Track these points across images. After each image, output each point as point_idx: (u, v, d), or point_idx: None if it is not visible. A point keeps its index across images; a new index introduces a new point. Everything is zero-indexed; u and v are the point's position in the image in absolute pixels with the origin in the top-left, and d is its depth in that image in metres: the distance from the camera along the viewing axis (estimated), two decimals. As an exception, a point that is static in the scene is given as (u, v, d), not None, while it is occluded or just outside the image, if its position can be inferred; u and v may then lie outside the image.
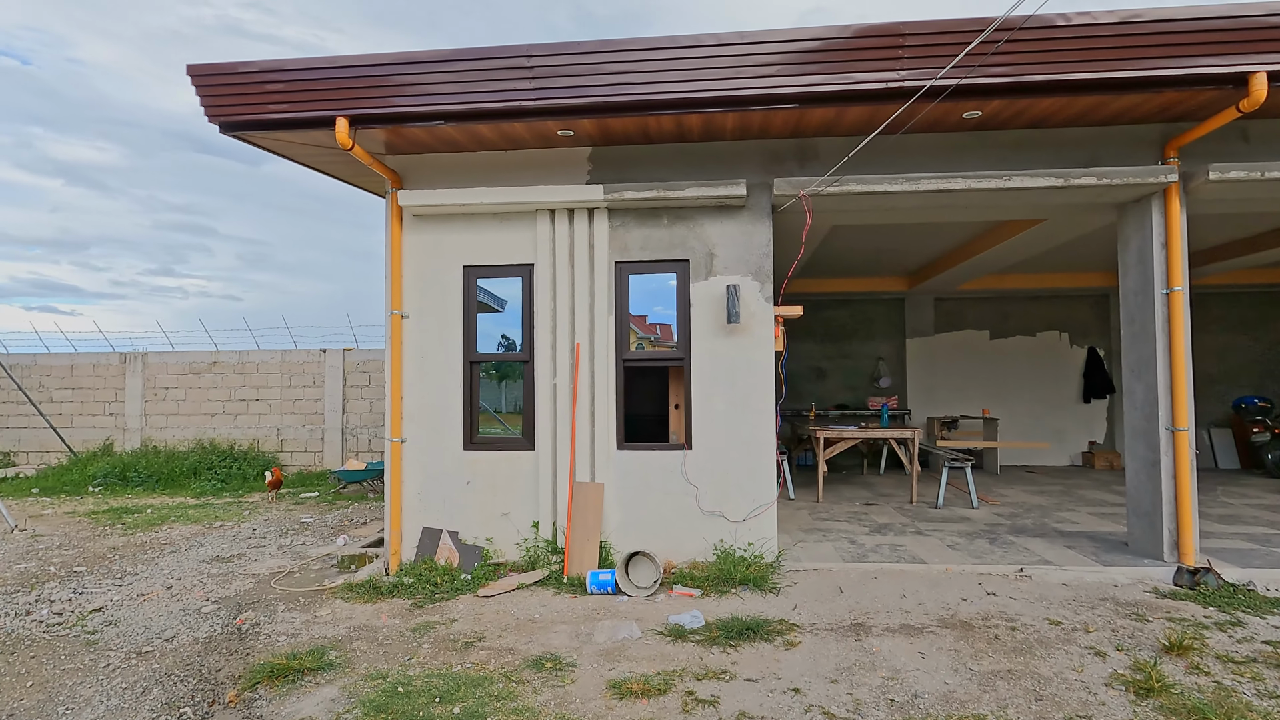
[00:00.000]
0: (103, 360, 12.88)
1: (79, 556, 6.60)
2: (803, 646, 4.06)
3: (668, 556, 5.69)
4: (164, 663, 4.07)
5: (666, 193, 5.63)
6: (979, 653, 3.92)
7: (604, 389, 5.84)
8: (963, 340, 12.53)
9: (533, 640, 4.25)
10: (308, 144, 5.75)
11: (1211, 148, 5.53)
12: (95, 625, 4.73)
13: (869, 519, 7.45)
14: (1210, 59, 4.64)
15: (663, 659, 3.93)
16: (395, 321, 5.96)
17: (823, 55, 4.89)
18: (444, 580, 5.36)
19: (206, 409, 12.61)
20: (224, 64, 5.26)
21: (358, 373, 12.43)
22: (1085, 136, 5.62)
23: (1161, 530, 5.50)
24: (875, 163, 5.67)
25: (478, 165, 6.03)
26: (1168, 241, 5.52)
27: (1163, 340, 5.52)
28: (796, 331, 12.77)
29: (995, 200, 5.73)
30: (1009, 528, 6.95)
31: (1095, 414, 12.29)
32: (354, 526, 7.83)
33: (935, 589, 5.04)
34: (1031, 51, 4.71)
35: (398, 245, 6.00)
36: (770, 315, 5.75)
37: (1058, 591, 4.95)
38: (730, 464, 5.72)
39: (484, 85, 5.15)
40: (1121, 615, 4.46)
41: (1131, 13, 4.58)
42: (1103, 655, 3.85)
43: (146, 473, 11.17)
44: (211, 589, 5.51)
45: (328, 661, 3.95)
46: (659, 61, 5.00)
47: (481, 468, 5.93)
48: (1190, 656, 3.77)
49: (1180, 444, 5.44)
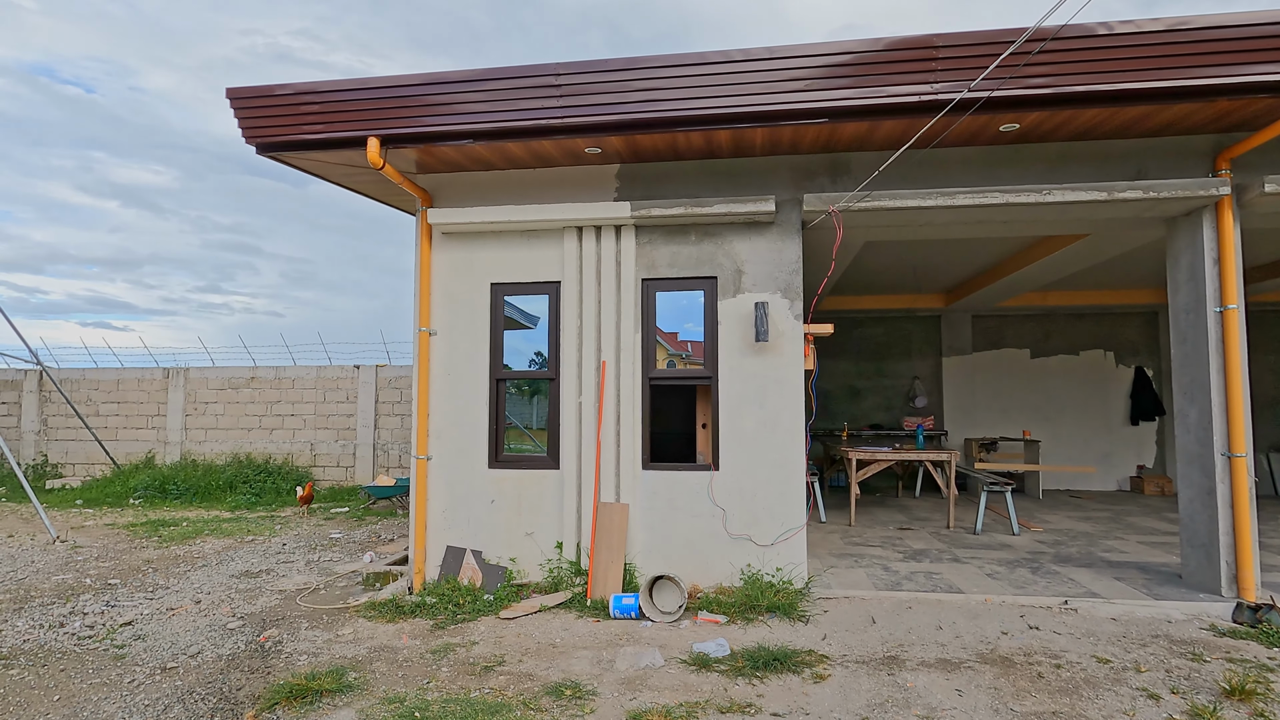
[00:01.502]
0: (147, 375, 13.26)
1: (114, 569, 6.72)
2: (832, 680, 3.89)
3: (693, 580, 5.56)
4: (187, 680, 4.08)
5: (694, 209, 5.57)
6: (1021, 692, 3.71)
7: (630, 408, 5.76)
8: (1002, 359, 12.15)
9: (553, 666, 4.15)
10: (341, 163, 5.83)
11: (1267, 159, 5.28)
12: (124, 639, 4.77)
13: (903, 544, 7.20)
14: (1265, 66, 4.41)
15: (686, 689, 3.79)
16: (423, 339, 5.98)
17: (854, 69, 4.80)
18: (467, 600, 5.31)
19: (244, 423, 12.86)
20: (260, 87, 5.37)
21: (390, 389, 12.57)
22: (1131, 149, 5.40)
23: (1219, 562, 5.19)
24: (909, 177, 5.53)
25: (506, 183, 6.05)
26: (1220, 257, 5.26)
27: (1217, 361, 5.24)
28: (829, 350, 12.54)
29: (1035, 215, 5.53)
30: (1052, 556, 6.64)
31: (1144, 437, 11.78)
32: (381, 543, 7.85)
33: (974, 621, 4.81)
34: (1072, 62, 4.54)
35: (427, 263, 6.04)
36: (800, 333, 5.62)
37: (1106, 627, 4.68)
38: (758, 486, 5.58)
39: (512, 104, 5.17)
40: (1176, 654, 4.18)
41: (1179, 19, 4.39)
42: (1156, 698, 3.61)
43: (185, 485, 11.41)
44: (238, 604, 5.54)
45: (346, 683, 3.91)
46: (688, 78, 4.96)
47: (506, 486, 5.88)
48: (1254, 702, 3.51)
49: (1238, 470, 5.14)
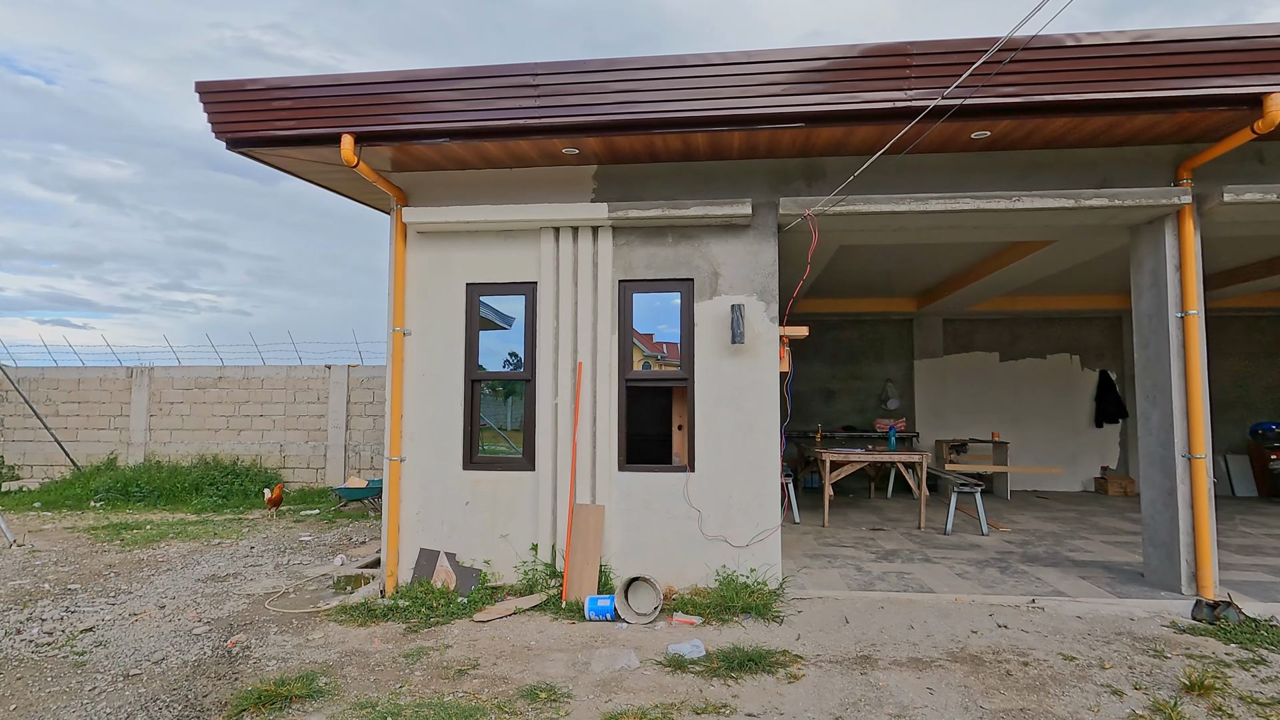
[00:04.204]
0: (109, 374, 12.91)
1: (74, 573, 6.53)
2: (806, 680, 3.92)
3: (669, 582, 5.56)
4: (151, 687, 3.97)
5: (671, 211, 5.58)
6: (990, 689, 3.77)
7: (606, 409, 5.75)
8: (972, 362, 12.37)
9: (528, 669, 4.12)
10: (314, 160, 5.74)
11: (1226, 169, 5.45)
12: (85, 646, 4.64)
13: (876, 545, 7.29)
14: (1225, 79, 4.56)
15: (661, 691, 3.79)
16: (397, 339, 5.91)
17: (830, 75, 4.85)
18: (440, 603, 5.25)
19: (211, 424, 12.59)
20: (231, 81, 5.27)
21: (362, 389, 12.40)
22: (1098, 157, 5.54)
23: (1179, 561, 5.33)
24: (884, 183, 5.61)
25: (483, 183, 6.01)
26: (1182, 264, 5.41)
27: (1178, 365, 5.38)
28: (804, 352, 12.65)
29: (1005, 221, 5.64)
30: (1020, 556, 6.77)
31: (1108, 439, 12.07)
32: (352, 546, 7.73)
33: (944, 620, 4.89)
34: (1041, 72, 4.65)
35: (401, 262, 5.97)
36: (775, 336, 5.66)
37: (1072, 624, 4.78)
38: (734, 487, 5.60)
39: (489, 103, 5.13)
40: (1139, 651, 4.29)
41: (1144, 33, 4.51)
42: (1120, 694, 3.69)
43: (148, 488, 11.13)
44: (205, 609, 5.42)
45: (317, 688, 3.84)
46: (666, 80, 4.97)
47: (481, 488, 5.83)
48: (1212, 697, 3.61)
49: (1198, 472, 5.29)
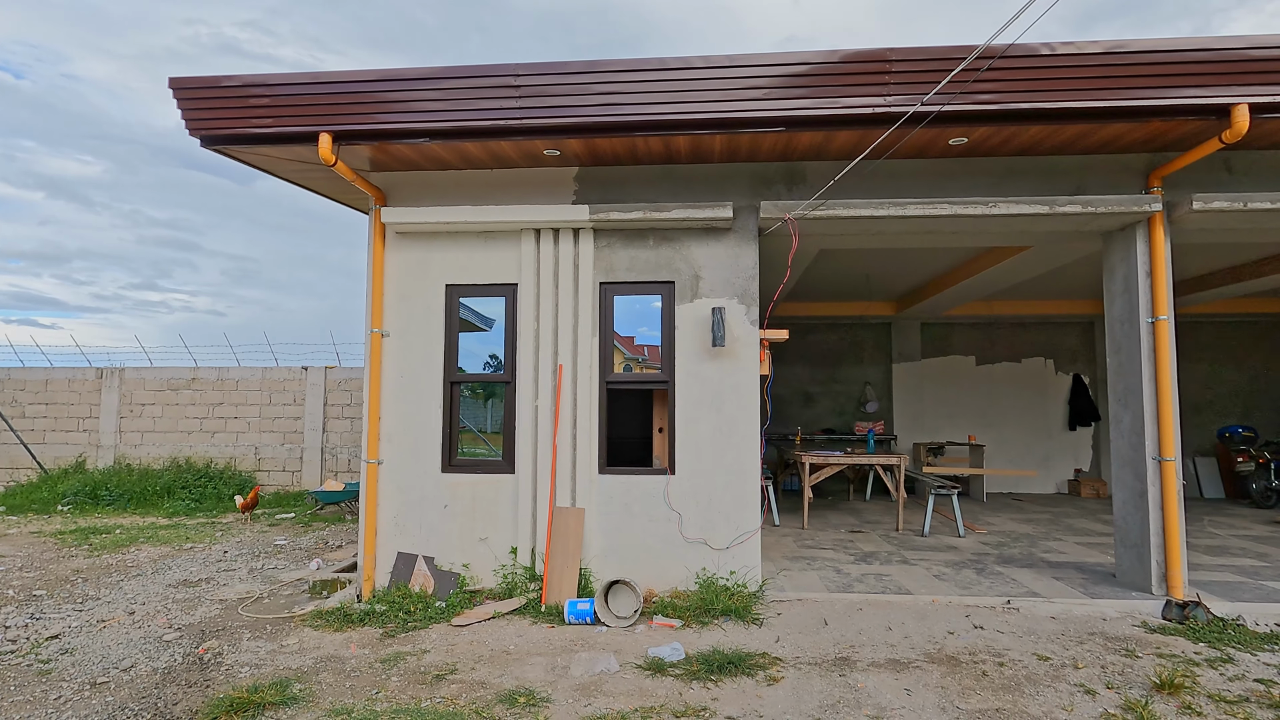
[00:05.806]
0: (78, 375, 12.62)
1: (40, 579, 6.36)
2: (785, 682, 3.93)
3: (649, 585, 5.55)
4: (119, 695, 3.88)
5: (653, 214, 5.58)
6: (966, 690, 3.81)
7: (586, 412, 5.73)
8: (949, 365, 12.52)
9: (507, 673, 4.09)
10: (291, 159, 5.66)
11: (1195, 178, 5.57)
12: (50, 653, 4.52)
13: (855, 547, 7.34)
14: (1194, 90, 4.66)
15: (641, 694, 3.78)
16: (375, 340, 5.84)
17: (811, 80, 4.88)
18: (418, 608, 5.19)
19: (184, 426, 12.35)
20: (207, 77, 5.18)
21: (339, 391, 12.24)
22: (1072, 165, 5.63)
23: (1150, 562, 5.43)
24: (863, 188, 5.65)
25: (463, 183, 5.96)
26: (1152, 270, 5.52)
27: (1149, 369, 5.49)
28: (784, 355, 12.72)
29: (982, 226, 5.72)
30: (996, 557, 6.86)
31: (1081, 441, 12.28)
32: (328, 550, 7.63)
33: (922, 621, 4.93)
34: (1017, 79, 4.72)
35: (379, 263, 5.90)
36: (756, 339, 5.68)
37: (1046, 625, 4.85)
38: (714, 490, 5.61)
39: (470, 103, 5.10)
40: (1111, 651, 4.36)
41: (1116, 43, 4.60)
42: (1093, 693, 3.75)
43: (118, 491, 10.88)
44: (175, 615, 5.30)
45: (291, 695, 3.77)
46: (648, 82, 4.97)
47: (460, 491, 5.78)
48: (1182, 695, 3.67)
49: (1168, 474, 5.39)
